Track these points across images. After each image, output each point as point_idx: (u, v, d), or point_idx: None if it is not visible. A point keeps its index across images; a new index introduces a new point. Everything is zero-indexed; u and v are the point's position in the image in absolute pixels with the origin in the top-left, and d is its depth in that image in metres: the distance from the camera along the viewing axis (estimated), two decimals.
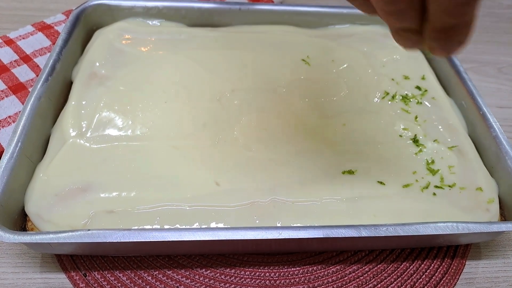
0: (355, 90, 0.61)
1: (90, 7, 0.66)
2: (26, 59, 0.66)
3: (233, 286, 0.47)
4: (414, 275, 0.49)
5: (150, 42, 0.65)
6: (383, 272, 0.49)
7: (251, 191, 0.47)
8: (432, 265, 0.49)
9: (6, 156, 0.45)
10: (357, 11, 0.71)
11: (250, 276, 0.47)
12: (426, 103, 0.60)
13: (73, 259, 0.47)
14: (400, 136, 0.55)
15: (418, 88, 0.62)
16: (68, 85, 0.59)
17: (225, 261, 0.48)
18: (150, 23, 0.69)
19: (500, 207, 0.50)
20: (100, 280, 0.46)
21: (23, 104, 0.60)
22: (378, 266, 0.49)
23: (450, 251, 0.51)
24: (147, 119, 0.54)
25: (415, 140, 0.54)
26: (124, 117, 0.54)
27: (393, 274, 0.49)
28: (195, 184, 0.47)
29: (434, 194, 0.49)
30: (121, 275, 0.46)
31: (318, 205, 0.47)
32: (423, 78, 0.64)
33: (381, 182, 0.49)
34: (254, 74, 0.62)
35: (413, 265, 0.49)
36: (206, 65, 0.62)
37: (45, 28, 0.71)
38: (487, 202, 0.49)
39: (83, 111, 0.54)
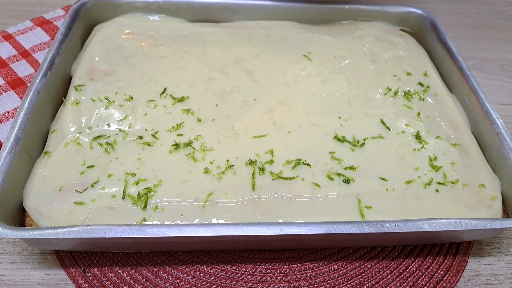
0: (357, 86, 0.60)
1: (89, 2, 0.65)
2: (25, 54, 0.66)
3: (234, 282, 0.46)
4: (417, 272, 0.48)
5: (150, 38, 0.65)
6: (385, 269, 0.48)
7: (252, 188, 0.47)
8: (435, 262, 0.49)
9: (4, 152, 0.45)
10: (359, 7, 0.72)
11: (251, 273, 0.47)
12: (429, 99, 0.60)
13: (72, 256, 0.47)
14: (403, 132, 0.54)
15: (421, 84, 0.62)
16: (67, 80, 0.58)
17: (226, 257, 0.48)
18: (150, 18, 0.69)
19: (503, 204, 0.50)
20: (100, 276, 0.45)
21: (21, 99, 0.59)
22: (380, 262, 0.49)
23: (453, 248, 0.50)
24: (147, 114, 0.53)
25: (418, 137, 0.54)
26: (124, 113, 0.53)
27: (395, 271, 0.48)
28: (196, 180, 0.47)
29: (437, 190, 0.48)
30: (120, 271, 0.46)
31: (320, 201, 0.46)
32: (425, 75, 0.64)
33: (383, 178, 0.49)
34: (256, 70, 0.61)
35: (416, 262, 0.49)
36: (207, 60, 0.62)
37: (44, 23, 0.71)
38: (490, 199, 0.49)
39: (82, 107, 0.53)
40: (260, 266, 0.48)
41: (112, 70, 0.59)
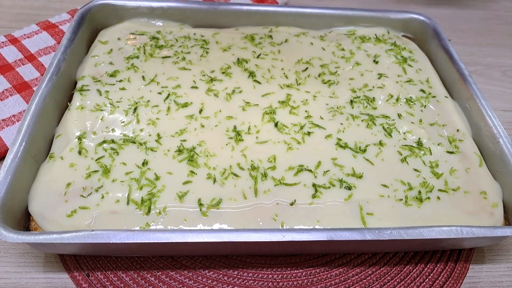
0: (359, 92, 0.61)
1: (95, 7, 0.66)
2: (30, 58, 0.67)
3: (236, 287, 0.46)
4: (417, 279, 0.48)
5: (155, 43, 0.65)
6: (386, 275, 0.49)
7: (255, 193, 0.47)
8: (436, 268, 0.49)
9: (10, 156, 0.45)
10: (362, 13, 0.72)
11: (253, 278, 0.47)
12: (431, 106, 0.60)
13: (76, 259, 0.47)
14: (404, 139, 0.55)
15: (423, 91, 0.62)
16: (73, 85, 0.59)
17: (228, 262, 0.48)
18: (155, 23, 0.69)
19: (504, 211, 0.50)
20: (103, 280, 0.46)
21: (27, 103, 0.60)
22: (381, 269, 0.49)
23: (454, 254, 0.50)
24: (152, 119, 0.54)
25: (419, 143, 0.54)
26: (129, 117, 0.54)
27: (396, 277, 0.48)
28: (199, 185, 0.47)
29: (438, 198, 0.49)
30: (123, 275, 0.46)
31: (322, 208, 0.46)
32: (427, 81, 0.64)
33: (385, 185, 0.49)
34: (258, 75, 0.62)
35: (416, 268, 0.49)
36: (211, 65, 0.63)
37: (49, 27, 0.72)
38: (491, 206, 0.49)
39: (87, 111, 0.54)
40: (262, 271, 0.48)
41: (117, 75, 0.59)
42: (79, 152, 0.49)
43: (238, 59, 0.64)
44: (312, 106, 0.58)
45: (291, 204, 0.46)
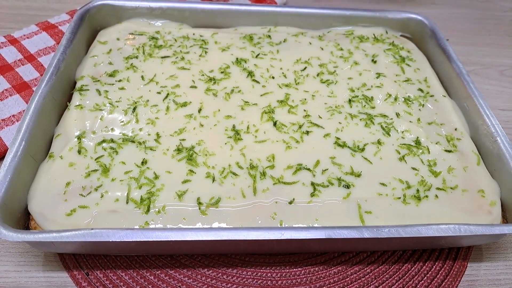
0: (357, 92, 0.61)
1: (94, 7, 0.66)
2: (30, 58, 0.67)
3: (235, 286, 0.47)
4: (416, 277, 0.49)
5: (154, 43, 0.65)
6: (385, 274, 0.49)
7: (253, 192, 0.47)
8: (434, 267, 0.49)
9: (10, 155, 0.45)
10: (360, 13, 0.73)
11: (252, 276, 0.48)
12: (429, 105, 0.60)
13: (76, 258, 0.47)
14: (403, 137, 0.55)
15: (421, 90, 0.62)
16: (72, 85, 0.59)
17: (227, 261, 0.48)
18: (154, 23, 0.70)
19: (502, 210, 0.50)
20: (103, 279, 0.46)
21: (27, 103, 0.60)
22: (380, 267, 0.49)
23: (452, 253, 0.51)
24: (151, 118, 0.54)
25: (417, 142, 0.54)
26: (128, 117, 0.54)
27: (395, 276, 0.49)
28: (198, 184, 0.48)
29: (436, 196, 0.49)
30: (123, 274, 0.47)
31: (320, 206, 0.47)
32: (425, 80, 0.64)
33: (383, 184, 0.49)
34: (257, 74, 0.62)
35: (415, 266, 0.49)
36: (210, 65, 0.63)
37: (49, 28, 0.72)
38: (489, 205, 0.49)
39: (86, 111, 0.54)
40: (261, 270, 0.48)
41: (116, 75, 0.59)
42: (79, 152, 0.49)
43: (237, 58, 0.64)
44: (310, 105, 0.58)
45: (290, 202, 0.47)
